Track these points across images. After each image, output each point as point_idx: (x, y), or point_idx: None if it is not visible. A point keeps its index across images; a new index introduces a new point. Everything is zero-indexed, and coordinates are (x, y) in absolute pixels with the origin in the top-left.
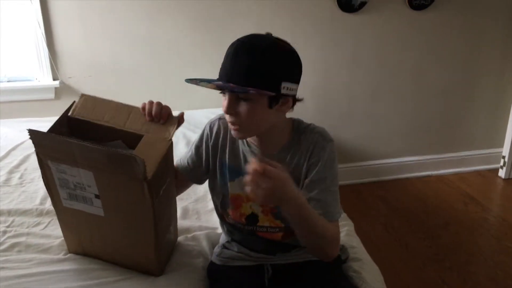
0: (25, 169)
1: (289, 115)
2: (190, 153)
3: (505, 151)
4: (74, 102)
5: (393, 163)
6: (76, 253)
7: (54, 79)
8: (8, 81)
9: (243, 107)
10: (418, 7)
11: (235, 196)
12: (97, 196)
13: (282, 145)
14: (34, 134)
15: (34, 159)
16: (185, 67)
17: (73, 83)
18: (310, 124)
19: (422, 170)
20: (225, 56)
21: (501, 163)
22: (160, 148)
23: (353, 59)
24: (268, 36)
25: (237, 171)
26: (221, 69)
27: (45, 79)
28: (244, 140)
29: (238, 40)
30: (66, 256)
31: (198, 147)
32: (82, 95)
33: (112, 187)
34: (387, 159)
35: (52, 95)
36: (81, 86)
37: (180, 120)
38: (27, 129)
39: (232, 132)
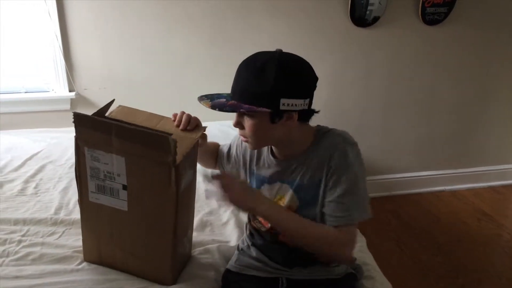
0: (41, 179)
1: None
2: (226, 147)
3: None
4: (113, 100)
5: (405, 177)
6: (91, 260)
7: (70, 91)
8: (25, 92)
9: (247, 123)
10: (432, 22)
11: None
12: (124, 187)
13: (302, 151)
14: (77, 117)
15: (49, 169)
16: (199, 80)
17: (89, 94)
18: (332, 128)
19: (435, 185)
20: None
21: None
22: (187, 143)
23: (366, 73)
24: (273, 52)
25: (263, 180)
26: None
27: (62, 90)
28: (268, 149)
29: (246, 58)
30: (80, 266)
31: (230, 147)
32: (119, 106)
33: (140, 174)
34: (399, 174)
35: (68, 106)
36: (96, 98)
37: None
38: (73, 112)
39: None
